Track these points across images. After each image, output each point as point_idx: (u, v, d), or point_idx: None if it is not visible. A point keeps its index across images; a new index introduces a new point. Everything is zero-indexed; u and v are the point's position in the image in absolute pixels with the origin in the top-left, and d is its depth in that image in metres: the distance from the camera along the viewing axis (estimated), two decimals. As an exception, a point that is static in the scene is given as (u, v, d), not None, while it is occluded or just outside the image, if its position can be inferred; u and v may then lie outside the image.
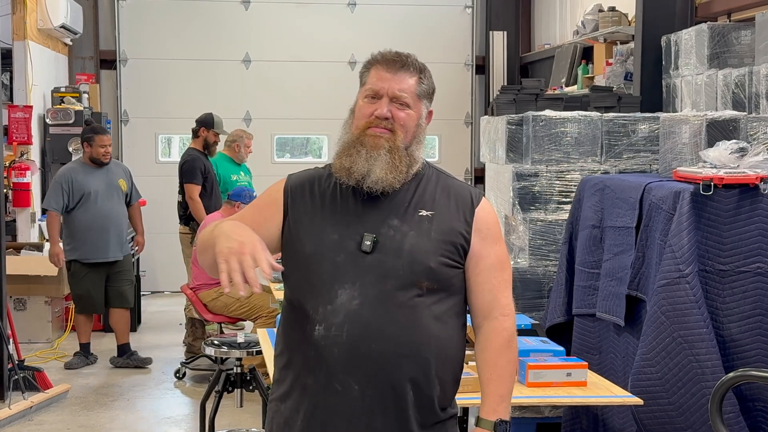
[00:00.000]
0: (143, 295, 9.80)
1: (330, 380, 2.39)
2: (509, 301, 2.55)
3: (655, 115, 5.55)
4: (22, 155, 8.68)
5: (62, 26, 9.54)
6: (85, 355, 7.52)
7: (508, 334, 2.52)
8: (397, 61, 2.50)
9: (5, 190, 8.28)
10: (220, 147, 8.32)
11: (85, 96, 9.83)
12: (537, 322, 5.04)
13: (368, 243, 2.41)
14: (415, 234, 2.44)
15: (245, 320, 7.08)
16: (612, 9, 8.36)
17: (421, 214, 2.47)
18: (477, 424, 2.50)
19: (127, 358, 7.46)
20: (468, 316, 2.58)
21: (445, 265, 2.44)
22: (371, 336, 2.37)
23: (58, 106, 9.33)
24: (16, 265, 7.82)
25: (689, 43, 6.45)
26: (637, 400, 3.76)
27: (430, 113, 2.57)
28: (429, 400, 2.44)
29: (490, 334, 2.51)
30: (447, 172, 2.63)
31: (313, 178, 2.55)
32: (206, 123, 7.99)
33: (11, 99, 9.08)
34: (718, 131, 4.30)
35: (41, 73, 9.37)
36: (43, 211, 9.31)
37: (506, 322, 2.52)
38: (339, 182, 2.48)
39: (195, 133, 8.02)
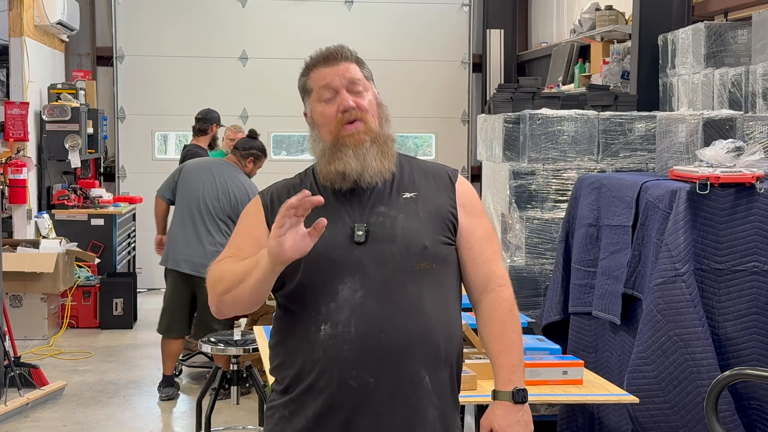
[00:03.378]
0: (139, 292, 9.81)
1: (344, 379, 2.35)
2: (503, 271, 2.56)
3: (651, 113, 5.56)
4: (18, 152, 8.67)
5: (59, 23, 9.52)
6: None
7: (509, 303, 2.53)
8: (333, 55, 2.48)
9: (1, 187, 8.29)
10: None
11: (82, 93, 9.83)
12: (533, 320, 5.05)
13: (360, 233, 2.39)
14: (404, 217, 2.43)
15: (247, 316, 7.04)
16: (609, 8, 8.37)
17: (405, 196, 2.47)
18: (495, 398, 2.49)
19: (178, 389, 6.74)
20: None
21: (440, 242, 2.45)
22: (380, 327, 2.35)
23: (54, 103, 9.32)
24: (12, 261, 7.81)
25: (686, 42, 6.46)
26: (633, 399, 3.77)
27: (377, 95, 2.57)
28: (445, 383, 2.45)
29: (491, 306, 2.52)
30: (415, 156, 2.65)
31: (287, 187, 2.53)
32: (216, 119, 7.92)
33: (7, 95, 9.07)
34: (714, 130, 4.31)
35: (38, 70, 9.36)
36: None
37: (504, 292, 2.53)
38: (316, 184, 2.48)
39: (204, 132, 7.91)
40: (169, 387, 6.59)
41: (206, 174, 6.45)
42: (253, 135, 6.68)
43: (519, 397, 2.47)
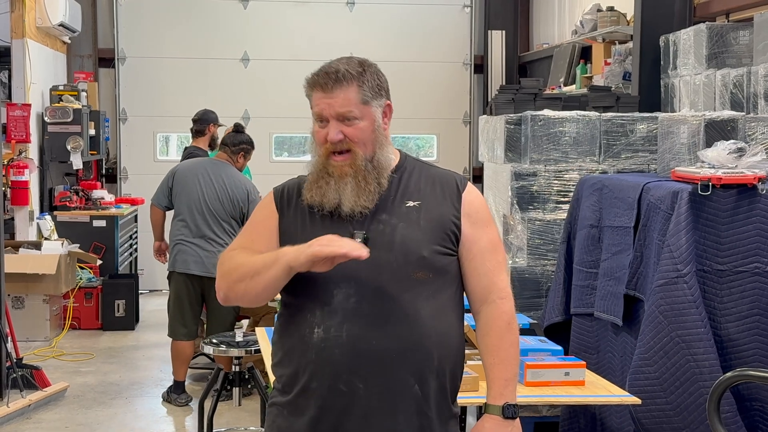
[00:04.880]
0: (141, 293, 9.81)
1: (334, 382, 2.38)
2: (506, 283, 2.56)
3: (653, 115, 5.56)
4: (20, 153, 8.67)
5: (61, 24, 9.53)
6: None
7: (508, 317, 2.52)
8: (329, 80, 2.43)
9: (3, 189, 8.30)
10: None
11: (84, 94, 9.82)
12: (535, 321, 5.05)
13: (359, 240, 2.40)
14: (404, 225, 2.44)
15: (249, 318, 7.04)
16: (610, 9, 8.37)
17: (408, 205, 2.47)
18: (485, 411, 2.51)
19: (188, 395, 6.67)
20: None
21: (438, 253, 2.44)
22: (371, 333, 2.37)
23: (56, 105, 9.32)
24: (14, 263, 7.82)
25: (688, 43, 6.46)
26: (634, 400, 3.77)
27: (387, 107, 2.52)
28: (436, 392, 2.45)
29: (490, 318, 2.52)
30: (428, 162, 2.63)
31: (299, 185, 2.55)
32: (213, 119, 7.87)
33: (9, 97, 9.07)
34: (716, 131, 4.31)
35: (40, 72, 9.37)
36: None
37: (505, 305, 2.52)
38: None
39: (201, 133, 7.87)
40: (184, 393, 6.53)
41: (202, 176, 6.42)
42: (239, 129, 6.66)
43: (509, 412, 2.48)
